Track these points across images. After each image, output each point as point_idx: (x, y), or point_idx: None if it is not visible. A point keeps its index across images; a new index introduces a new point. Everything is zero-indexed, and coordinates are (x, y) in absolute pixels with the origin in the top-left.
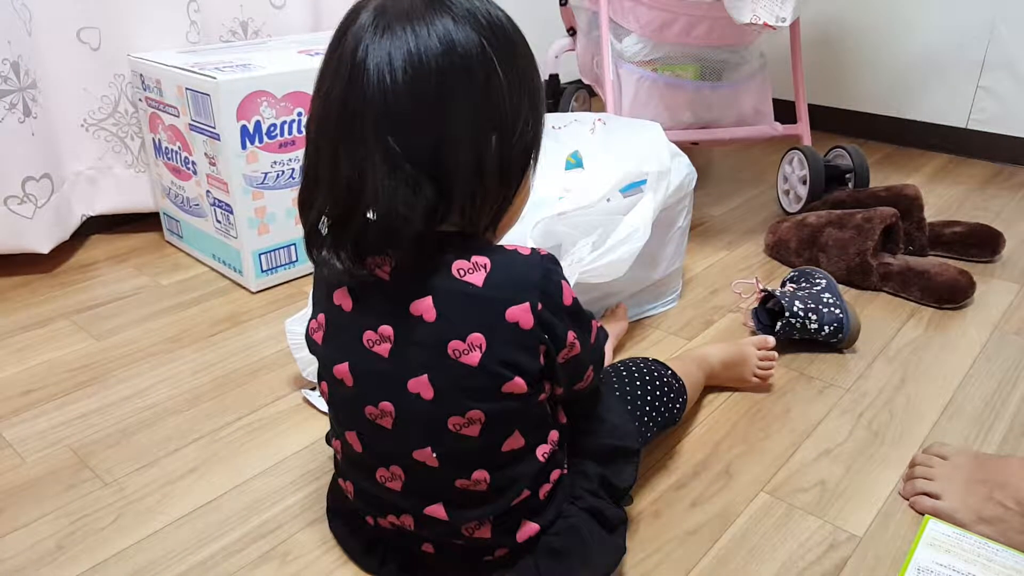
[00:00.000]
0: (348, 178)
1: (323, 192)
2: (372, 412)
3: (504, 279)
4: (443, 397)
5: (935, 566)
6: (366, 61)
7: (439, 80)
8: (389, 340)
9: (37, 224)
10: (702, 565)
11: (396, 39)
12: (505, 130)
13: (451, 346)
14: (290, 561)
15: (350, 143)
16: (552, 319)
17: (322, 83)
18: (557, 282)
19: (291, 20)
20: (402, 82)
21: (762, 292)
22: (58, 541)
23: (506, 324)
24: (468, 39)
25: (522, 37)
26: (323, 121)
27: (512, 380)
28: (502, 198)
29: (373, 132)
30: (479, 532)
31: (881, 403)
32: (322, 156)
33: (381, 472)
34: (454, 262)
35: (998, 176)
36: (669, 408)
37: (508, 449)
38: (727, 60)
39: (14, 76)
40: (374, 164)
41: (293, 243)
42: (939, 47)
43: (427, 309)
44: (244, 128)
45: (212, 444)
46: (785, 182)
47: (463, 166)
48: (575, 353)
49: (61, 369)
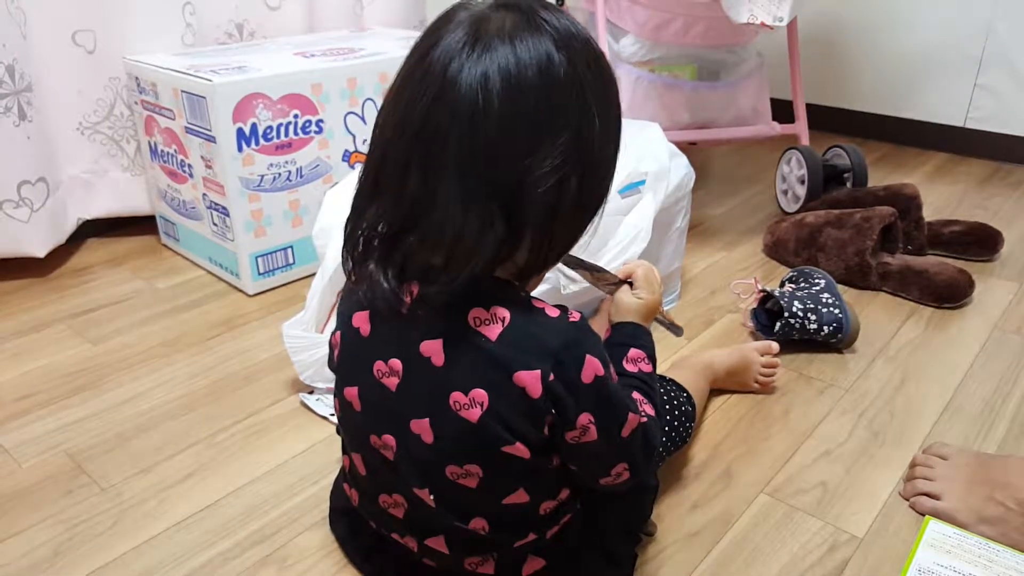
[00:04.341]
0: (416, 197)
1: (385, 204)
2: (376, 442)
3: (520, 339)
4: (442, 444)
5: (936, 567)
6: (459, 78)
7: (534, 112)
8: (397, 375)
9: (33, 228)
10: (703, 567)
11: (495, 59)
12: (589, 174)
13: (453, 397)
14: (288, 566)
15: (426, 161)
16: (563, 393)
17: (403, 91)
18: (579, 356)
19: (287, 22)
20: (495, 108)
21: (761, 292)
22: (55, 547)
23: (512, 387)
24: (568, 72)
25: (613, 72)
26: (400, 131)
27: (513, 444)
28: (568, 243)
29: (455, 155)
30: (482, 568)
31: (881, 403)
32: (389, 165)
33: (384, 498)
34: (472, 308)
35: (996, 174)
36: (681, 434)
37: (509, 503)
38: (724, 60)
39: (9, 79)
40: (449, 189)
41: (290, 246)
42: (936, 46)
43: (436, 352)
44: (240, 131)
45: (209, 449)
46: (783, 182)
47: (541, 207)
48: (588, 440)
49: (57, 374)
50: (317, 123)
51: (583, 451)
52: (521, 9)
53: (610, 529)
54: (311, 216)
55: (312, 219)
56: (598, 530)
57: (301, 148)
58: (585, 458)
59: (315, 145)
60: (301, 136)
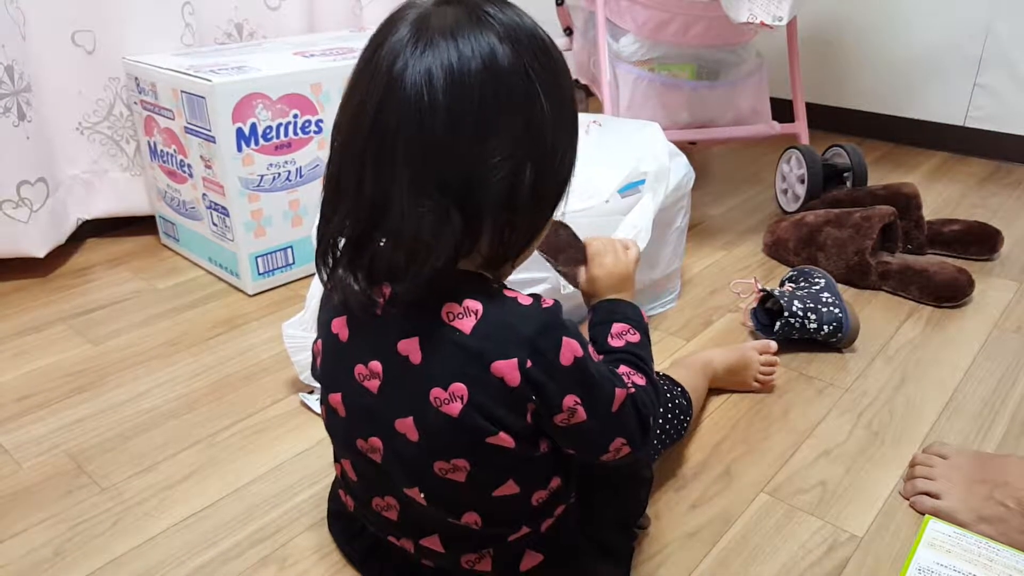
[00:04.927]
0: (373, 198)
1: (346, 206)
2: (363, 446)
3: (494, 330)
4: (428, 441)
5: (936, 566)
6: (404, 76)
7: (480, 106)
8: (378, 377)
9: (32, 228)
10: (703, 567)
11: (437, 55)
12: (543, 162)
13: (432, 393)
14: (288, 566)
15: (378, 162)
16: (542, 379)
17: (353, 92)
18: (556, 339)
19: (286, 22)
20: (441, 104)
21: (761, 292)
22: (56, 547)
23: (490, 378)
24: (513, 63)
25: (564, 61)
26: (352, 134)
27: (496, 435)
28: (531, 232)
29: (404, 154)
30: (480, 565)
31: (881, 403)
32: (346, 169)
33: (377, 501)
34: (445, 304)
35: (996, 174)
36: (676, 428)
37: (500, 495)
38: (724, 59)
39: (8, 80)
40: (402, 188)
41: (290, 246)
42: (936, 45)
43: (413, 350)
44: (240, 131)
45: (210, 448)
46: (783, 181)
47: (495, 198)
48: (578, 420)
49: (57, 374)
50: (316, 123)
51: (576, 433)
52: (465, 4)
53: (606, 522)
54: (311, 216)
55: (312, 219)
56: (594, 524)
57: (300, 148)
58: (579, 439)
59: (314, 145)
60: (300, 136)
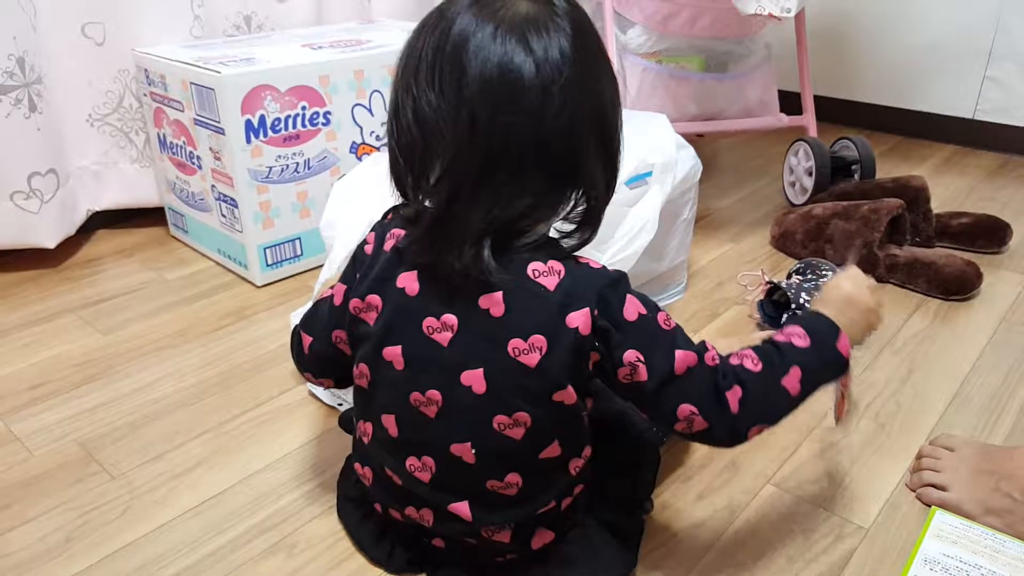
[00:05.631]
0: (496, 180)
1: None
2: (418, 399)
3: (572, 286)
4: (494, 394)
5: (942, 557)
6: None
7: (583, 86)
8: (451, 329)
9: (43, 219)
10: (709, 557)
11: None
12: (613, 140)
13: (512, 344)
14: (297, 553)
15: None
16: (608, 328)
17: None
18: (621, 295)
19: (294, 14)
20: (556, 96)
21: (768, 284)
22: (67, 534)
23: (567, 329)
24: (593, 41)
25: None
26: (469, 130)
27: (565, 389)
28: (607, 203)
29: (526, 143)
30: (498, 536)
31: (888, 394)
32: (461, 162)
33: (411, 461)
34: (531, 263)
35: (1005, 167)
36: None
37: (545, 457)
38: (732, 51)
39: (19, 71)
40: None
41: (298, 237)
42: (945, 37)
43: (496, 304)
44: (248, 122)
45: (218, 437)
46: (791, 173)
47: (592, 168)
48: (639, 379)
49: (68, 364)
50: (325, 115)
51: (639, 392)
52: None
53: (613, 503)
54: (319, 208)
55: (320, 211)
56: (602, 505)
57: (309, 140)
58: (644, 399)
59: (323, 137)
60: (309, 128)
